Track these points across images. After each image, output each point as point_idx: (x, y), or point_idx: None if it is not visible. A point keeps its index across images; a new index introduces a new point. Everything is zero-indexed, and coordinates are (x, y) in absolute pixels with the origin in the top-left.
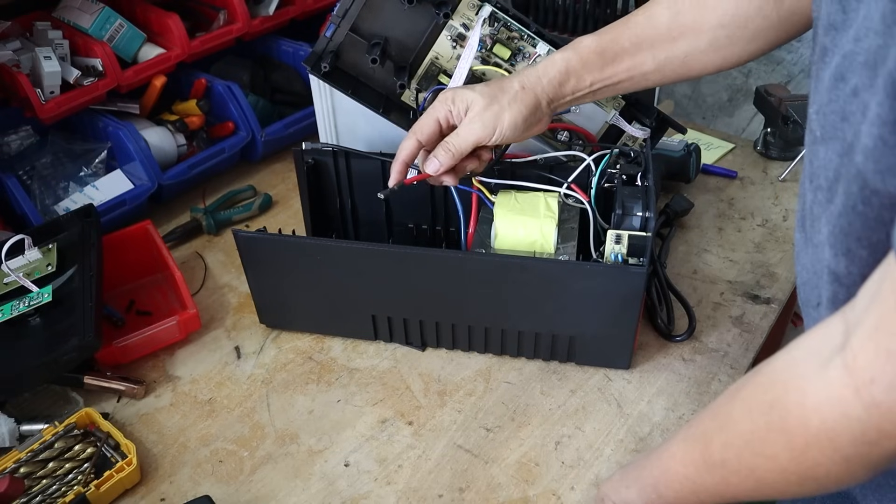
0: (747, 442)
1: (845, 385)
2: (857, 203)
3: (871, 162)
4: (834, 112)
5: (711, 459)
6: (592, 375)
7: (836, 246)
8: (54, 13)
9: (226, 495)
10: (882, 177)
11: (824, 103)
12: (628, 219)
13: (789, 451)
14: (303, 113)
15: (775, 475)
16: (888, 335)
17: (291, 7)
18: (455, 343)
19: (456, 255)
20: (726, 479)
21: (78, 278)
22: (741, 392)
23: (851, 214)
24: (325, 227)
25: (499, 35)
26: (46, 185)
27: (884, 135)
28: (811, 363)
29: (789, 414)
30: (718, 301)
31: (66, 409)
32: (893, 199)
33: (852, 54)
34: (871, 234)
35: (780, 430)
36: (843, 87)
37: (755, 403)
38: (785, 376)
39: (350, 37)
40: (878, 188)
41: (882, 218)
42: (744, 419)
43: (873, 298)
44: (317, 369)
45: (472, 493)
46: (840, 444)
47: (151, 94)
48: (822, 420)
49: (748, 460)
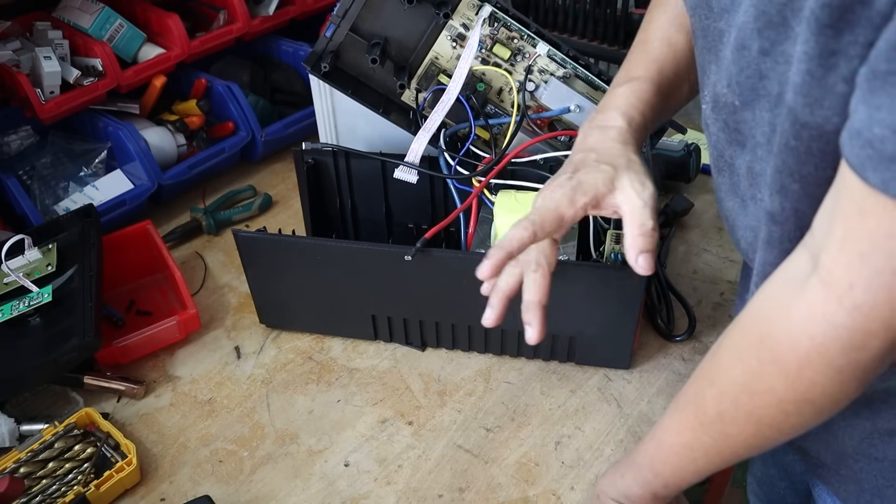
0: (742, 385)
1: (826, 298)
2: (790, 139)
3: (800, 96)
4: (749, 77)
5: (707, 417)
6: (592, 375)
7: (772, 186)
8: (54, 13)
9: (226, 495)
10: (811, 109)
11: (735, 73)
12: None
13: (784, 379)
14: (303, 113)
15: (773, 409)
16: (856, 241)
17: (291, 7)
18: (455, 343)
19: (456, 255)
20: (725, 433)
21: (78, 278)
22: (724, 343)
23: (784, 152)
24: (325, 227)
25: (499, 35)
26: (46, 185)
27: (811, 69)
28: (788, 292)
29: (778, 343)
30: (718, 301)
31: (66, 409)
32: (821, 130)
33: (744, 25)
34: (802, 168)
35: (771, 362)
36: (747, 53)
37: (743, 346)
38: (766, 312)
39: (350, 37)
40: (808, 120)
41: (811, 150)
42: (734, 365)
43: (832, 217)
44: (317, 369)
45: (472, 493)
46: (831, 357)
47: (151, 94)
48: (810, 338)
49: (745, 403)
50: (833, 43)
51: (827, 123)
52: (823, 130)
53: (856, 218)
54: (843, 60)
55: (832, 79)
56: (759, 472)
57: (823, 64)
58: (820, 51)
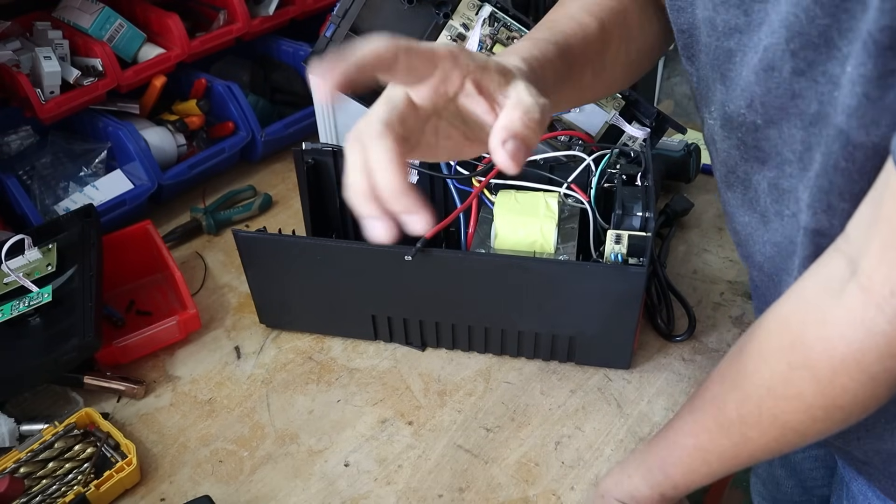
0: (768, 389)
1: (866, 305)
2: (840, 160)
3: (854, 119)
4: (778, 97)
5: (727, 419)
6: (592, 375)
7: (814, 206)
8: (54, 13)
9: (226, 495)
10: (866, 130)
11: (760, 94)
12: (628, 219)
13: (815, 385)
14: (303, 113)
15: (800, 415)
16: None
17: (291, 7)
18: (455, 343)
19: (456, 255)
20: (745, 435)
21: (78, 278)
22: (749, 347)
23: (833, 173)
24: (325, 227)
25: (499, 35)
26: (46, 185)
27: (868, 91)
28: (824, 297)
29: (811, 349)
30: (718, 301)
31: (66, 409)
32: (877, 149)
33: (773, 46)
34: (854, 187)
35: (803, 367)
36: (776, 74)
37: (771, 350)
38: (799, 316)
39: (350, 37)
40: (863, 141)
41: (865, 169)
42: (760, 369)
43: (872, 223)
44: (317, 369)
45: (472, 493)
46: (867, 363)
47: (151, 94)
48: (847, 344)
49: (770, 408)
50: (893, 63)
51: (883, 141)
52: (880, 148)
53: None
54: None
55: (890, 97)
56: (765, 472)
57: (882, 85)
58: (879, 73)
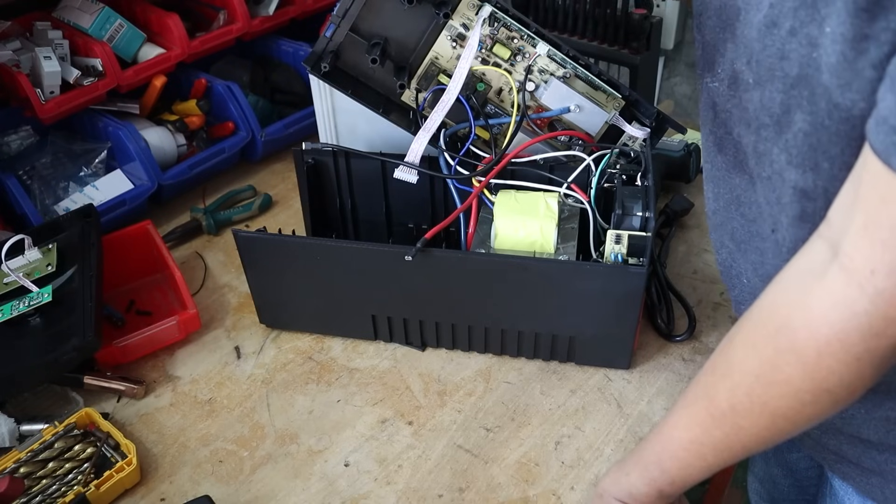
0: (757, 377)
1: (847, 285)
2: (825, 118)
3: (834, 77)
4: (770, 56)
5: (719, 410)
6: (592, 375)
7: (803, 164)
8: (54, 13)
9: (226, 495)
10: (842, 91)
11: (757, 51)
12: (628, 219)
13: (802, 368)
14: (303, 113)
15: (789, 399)
16: (878, 228)
17: (291, 7)
18: (455, 343)
19: (456, 255)
20: (737, 425)
21: (78, 278)
22: (737, 336)
23: (820, 130)
24: (325, 227)
25: (499, 35)
26: (46, 185)
27: (845, 51)
28: (806, 280)
29: (796, 333)
30: (718, 301)
31: (66, 409)
32: (848, 114)
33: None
34: (831, 148)
35: (789, 351)
36: (777, 31)
37: (758, 338)
38: (782, 301)
39: (350, 37)
40: (839, 102)
41: (839, 132)
42: (748, 357)
43: (851, 205)
44: (317, 369)
45: (472, 493)
46: (851, 344)
47: (151, 94)
48: (830, 325)
49: (760, 394)
50: (866, 27)
51: (854, 107)
52: (850, 114)
53: (878, 205)
54: (873, 45)
55: (861, 63)
56: (762, 471)
57: (856, 47)
58: (854, 34)
